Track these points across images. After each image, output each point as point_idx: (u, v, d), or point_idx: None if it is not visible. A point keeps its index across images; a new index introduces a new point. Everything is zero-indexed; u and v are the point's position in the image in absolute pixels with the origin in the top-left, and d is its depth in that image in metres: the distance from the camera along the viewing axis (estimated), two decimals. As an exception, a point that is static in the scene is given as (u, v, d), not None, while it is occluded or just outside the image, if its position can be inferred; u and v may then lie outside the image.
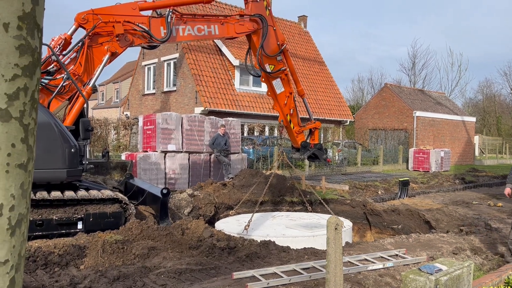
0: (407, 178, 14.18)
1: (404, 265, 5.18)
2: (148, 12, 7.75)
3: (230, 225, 7.77)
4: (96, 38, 6.94)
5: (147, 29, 7.23)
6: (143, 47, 8.05)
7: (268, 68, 8.56)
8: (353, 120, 27.77)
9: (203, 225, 6.53)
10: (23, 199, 1.96)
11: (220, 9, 22.96)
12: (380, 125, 27.61)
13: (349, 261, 5.07)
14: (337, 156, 20.55)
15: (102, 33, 6.93)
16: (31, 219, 5.59)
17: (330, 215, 8.85)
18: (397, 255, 5.49)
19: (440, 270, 2.90)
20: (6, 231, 1.89)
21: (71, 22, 6.92)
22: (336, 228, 2.60)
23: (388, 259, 5.26)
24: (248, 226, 6.84)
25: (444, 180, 17.64)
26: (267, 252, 5.97)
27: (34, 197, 5.59)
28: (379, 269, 4.97)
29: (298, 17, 28.76)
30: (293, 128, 9.18)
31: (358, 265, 4.95)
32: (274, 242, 6.32)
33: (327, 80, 26.71)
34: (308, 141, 9.41)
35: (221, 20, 8.18)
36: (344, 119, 25.78)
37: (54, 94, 6.45)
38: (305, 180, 12.95)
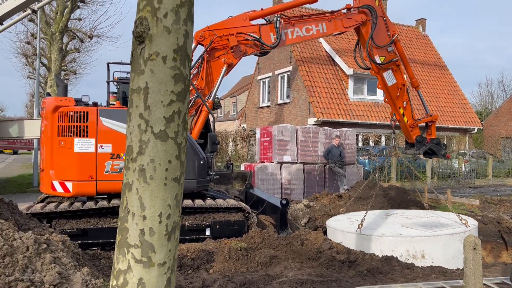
0: (552, 193, 12.40)
1: (554, 293, 4.57)
2: (258, 21, 7.99)
3: (342, 224, 7.53)
4: (213, 53, 7.43)
5: (258, 37, 7.51)
6: (255, 55, 8.31)
7: (378, 60, 8.32)
8: (481, 127, 25.25)
9: (322, 237, 6.55)
10: (177, 209, 2.25)
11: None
12: (514, 133, 24.64)
13: (486, 284, 4.64)
14: (463, 168, 18.86)
15: (218, 47, 7.38)
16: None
17: (450, 213, 8.00)
18: (544, 281, 4.85)
19: None
20: (164, 236, 2.18)
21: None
22: (475, 248, 2.43)
23: (533, 285, 4.68)
24: (362, 225, 6.63)
25: None
26: (389, 268, 5.75)
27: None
28: (522, 295, 4.46)
29: (416, 20, 27.28)
30: (407, 122, 8.75)
31: (496, 289, 4.50)
32: (396, 258, 6.05)
33: (450, 85, 24.76)
34: (424, 135, 8.89)
35: (328, 17, 8.15)
36: (471, 127, 23.56)
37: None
38: (428, 193, 12.15)
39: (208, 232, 6.46)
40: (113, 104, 6.66)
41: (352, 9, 8.25)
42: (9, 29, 13.85)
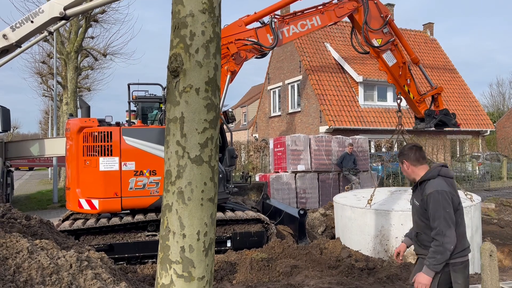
0: None
1: None
2: (253, 25, 8.08)
3: (350, 200, 7.66)
4: None
5: (256, 41, 7.70)
6: (256, 58, 8.44)
7: (376, 43, 8.50)
8: (494, 129, 25.12)
9: (340, 245, 6.69)
10: (212, 226, 2.45)
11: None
12: (528, 133, 24.46)
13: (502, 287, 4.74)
14: (477, 170, 18.79)
15: None
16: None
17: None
18: (562, 283, 4.94)
19: None
20: (202, 252, 2.39)
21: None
22: (491, 255, 2.58)
23: (551, 288, 4.77)
24: (371, 200, 6.79)
25: None
26: (408, 274, 5.86)
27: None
28: (541, 298, 4.55)
29: (423, 25, 27.37)
30: (413, 98, 8.96)
31: (514, 293, 4.60)
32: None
33: (461, 88, 24.75)
34: (431, 108, 9.09)
35: (321, 10, 8.32)
36: (483, 129, 23.48)
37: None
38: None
39: (229, 244, 6.64)
40: (134, 122, 6.92)
41: None
42: (26, 50, 14.30)
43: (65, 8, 9.05)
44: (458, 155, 21.18)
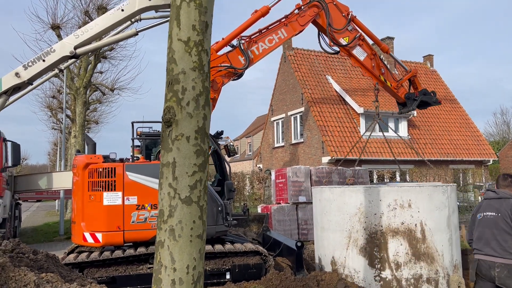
0: None
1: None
2: (223, 50, 8.35)
3: (325, 188, 7.90)
4: None
5: (228, 65, 8.03)
6: (233, 80, 8.59)
7: (344, 41, 8.83)
8: (496, 158, 25.17)
9: (337, 277, 6.82)
10: (200, 261, 2.71)
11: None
12: (532, 162, 24.50)
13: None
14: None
15: None
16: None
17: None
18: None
19: None
20: (191, 284, 2.64)
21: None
22: (459, 286, 2.78)
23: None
24: (350, 180, 7.07)
25: None
26: (402, 306, 5.98)
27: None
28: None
29: (423, 57, 27.96)
30: (391, 85, 9.26)
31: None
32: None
33: (462, 118, 25.02)
34: (410, 92, 9.45)
35: (284, 22, 8.63)
36: (486, 159, 23.58)
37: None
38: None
39: (228, 276, 6.79)
40: (138, 158, 7.25)
41: (302, 7, 8.77)
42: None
43: (75, 47, 9.52)
44: (461, 185, 21.21)
